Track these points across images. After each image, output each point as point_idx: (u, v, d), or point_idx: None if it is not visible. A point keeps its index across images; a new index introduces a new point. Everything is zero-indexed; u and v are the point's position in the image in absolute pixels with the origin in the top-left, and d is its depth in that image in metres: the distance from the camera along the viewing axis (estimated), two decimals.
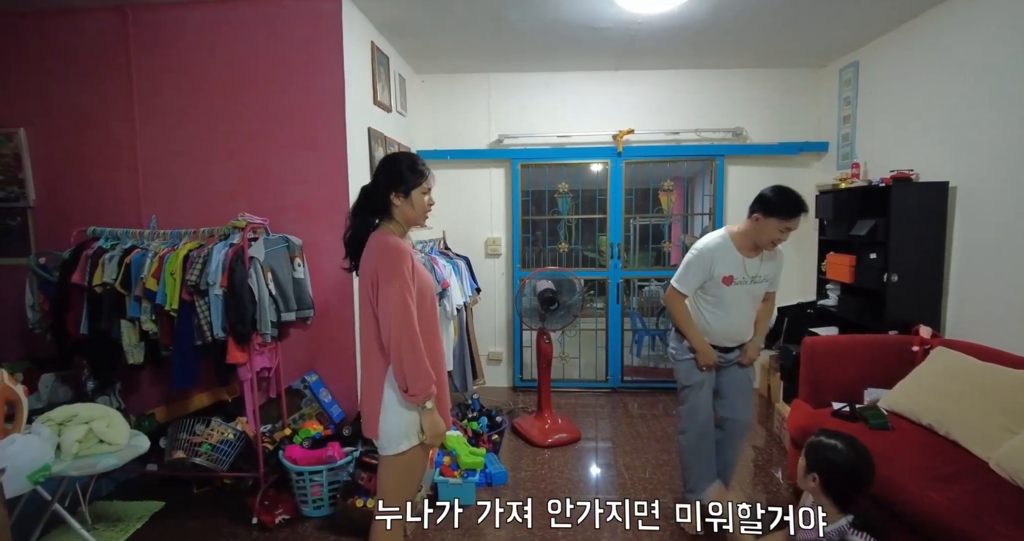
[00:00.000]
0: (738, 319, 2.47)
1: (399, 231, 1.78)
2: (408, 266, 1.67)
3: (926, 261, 3.01)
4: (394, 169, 1.76)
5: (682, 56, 4.03)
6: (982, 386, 2.34)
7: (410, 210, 1.77)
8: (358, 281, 1.79)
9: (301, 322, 2.88)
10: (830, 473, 1.53)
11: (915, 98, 3.31)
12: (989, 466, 2.15)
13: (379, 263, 1.65)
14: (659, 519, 2.20)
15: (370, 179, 1.84)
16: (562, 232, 4.61)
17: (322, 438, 2.68)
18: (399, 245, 1.68)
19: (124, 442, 2.20)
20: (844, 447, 1.55)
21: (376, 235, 1.74)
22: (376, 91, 3.37)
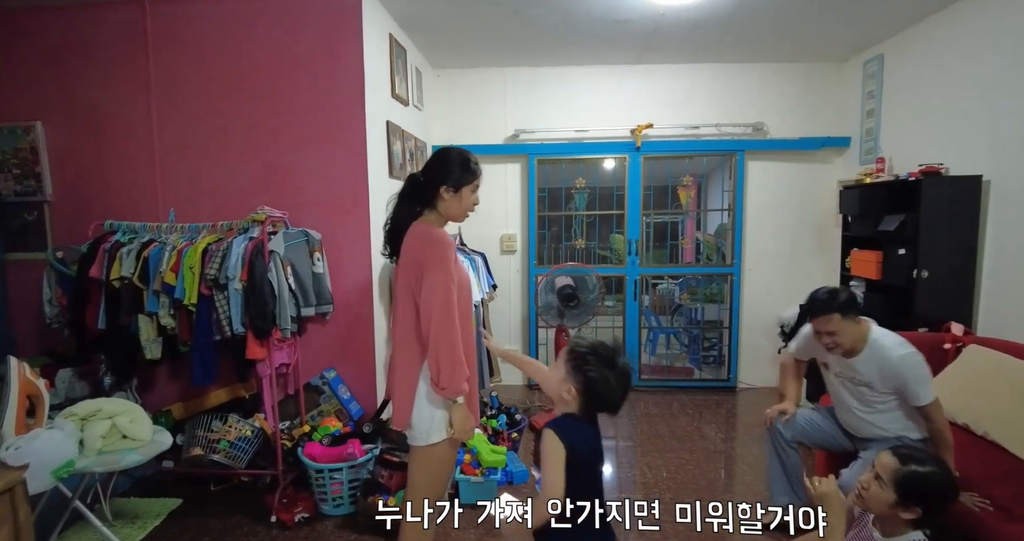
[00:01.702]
0: (847, 414, 2.26)
1: (439, 223, 1.77)
2: (452, 255, 1.69)
3: (958, 257, 2.94)
4: (448, 163, 1.74)
5: (703, 50, 3.97)
6: (1019, 385, 2.27)
7: (456, 206, 1.76)
8: (396, 269, 1.78)
9: (320, 317, 2.85)
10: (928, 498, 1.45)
11: (943, 91, 3.23)
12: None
13: (427, 253, 1.65)
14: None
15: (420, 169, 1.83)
16: (578, 228, 4.56)
17: (342, 435, 2.64)
18: (446, 237, 1.70)
19: (148, 438, 2.17)
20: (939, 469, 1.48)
21: (421, 225, 1.73)
22: (394, 84, 3.33)
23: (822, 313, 2.07)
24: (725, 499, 2.68)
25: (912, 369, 2.03)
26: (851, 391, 2.21)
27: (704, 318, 4.85)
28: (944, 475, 1.46)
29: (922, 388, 2.02)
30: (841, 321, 2.05)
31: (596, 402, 1.44)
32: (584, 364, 1.42)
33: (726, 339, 4.54)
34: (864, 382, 2.14)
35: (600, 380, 1.40)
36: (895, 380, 2.06)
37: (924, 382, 2.02)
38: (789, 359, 2.52)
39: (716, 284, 4.75)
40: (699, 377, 4.72)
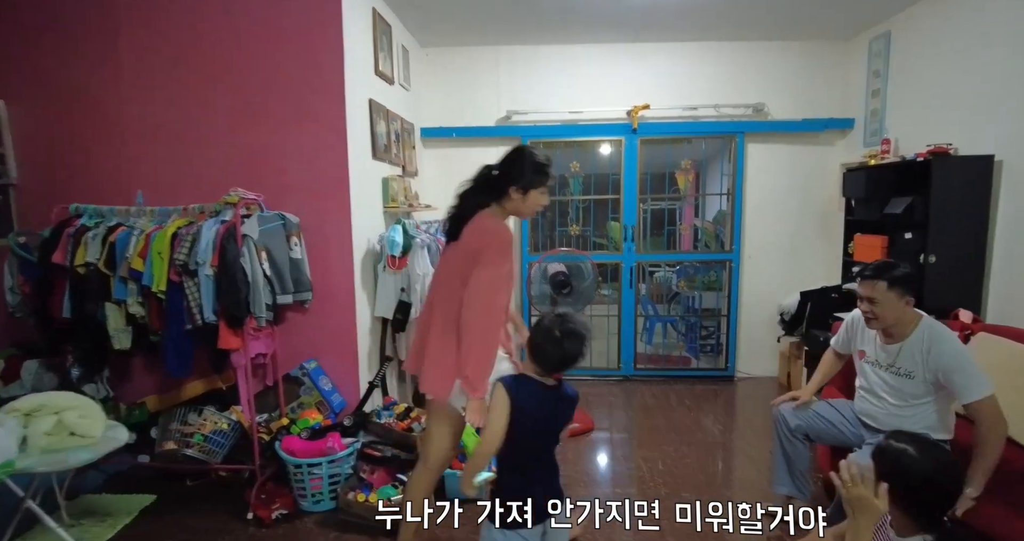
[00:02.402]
0: (874, 407, 2.12)
1: (502, 216, 1.85)
2: (510, 253, 1.81)
3: (967, 241, 2.81)
4: (521, 164, 1.81)
5: (703, 27, 3.81)
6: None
7: (522, 205, 1.83)
8: (448, 251, 1.87)
9: (299, 305, 2.71)
10: (902, 483, 1.30)
11: (953, 69, 3.09)
12: None
13: (489, 245, 1.73)
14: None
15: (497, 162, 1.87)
16: (574, 215, 4.42)
17: (322, 428, 2.52)
18: (506, 233, 1.79)
19: (99, 434, 2.03)
20: (918, 453, 1.33)
21: (486, 217, 1.80)
22: (378, 61, 3.17)
23: (870, 278, 1.97)
24: (724, 496, 2.64)
25: (958, 359, 1.88)
26: (888, 382, 2.06)
27: (702, 306, 4.73)
28: (923, 461, 1.30)
29: (971, 382, 1.84)
30: (886, 291, 1.93)
31: (540, 360, 1.53)
32: (536, 325, 1.56)
33: (724, 328, 4.42)
34: (906, 372, 2.00)
35: (541, 340, 1.51)
36: (940, 372, 1.90)
37: (973, 375, 1.85)
38: (830, 352, 2.41)
39: (714, 271, 4.62)
40: (697, 366, 4.61)
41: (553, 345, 1.49)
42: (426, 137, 4.18)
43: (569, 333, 1.50)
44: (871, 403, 2.12)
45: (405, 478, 2.39)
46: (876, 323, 2.01)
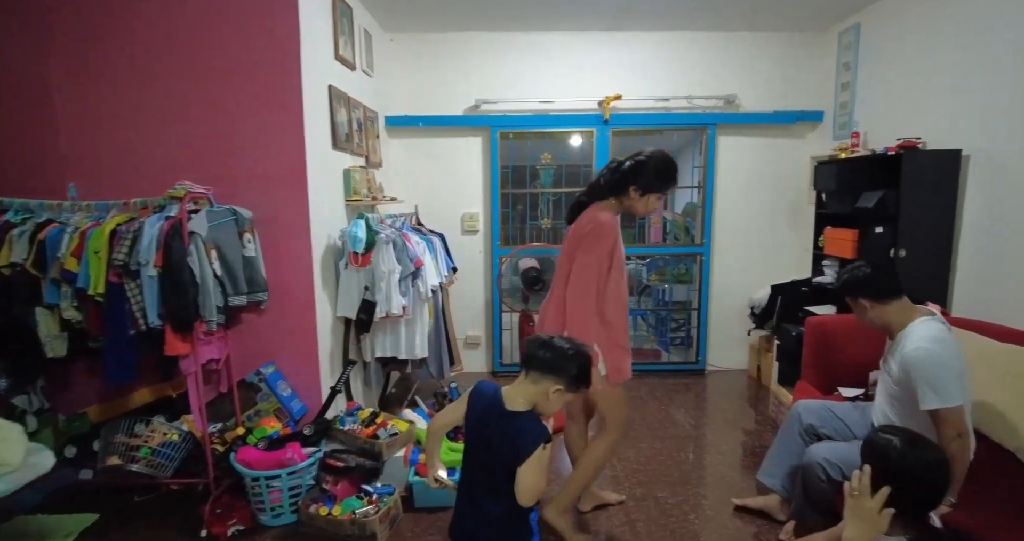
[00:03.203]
0: (876, 408, 2.08)
1: (616, 210, 2.03)
2: (611, 245, 1.95)
3: (936, 235, 2.82)
4: (645, 167, 1.97)
5: (678, 16, 3.72)
6: (1001, 369, 2.16)
7: (638, 205, 2.01)
8: (567, 234, 2.09)
9: (254, 307, 2.54)
10: (885, 477, 1.27)
11: (921, 62, 3.09)
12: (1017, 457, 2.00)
13: (592, 233, 1.93)
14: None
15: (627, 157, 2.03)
16: (545, 207, 4.32)
17: (280, 437, 2.37)
18: (613, 226, 1.95)
19: (18, 461, 1.85)
20: (904, 447, 1.29)
21: (599, 209, 1.99)
22: (338, 45, 2.98)
23: (841, 293, 2.07)
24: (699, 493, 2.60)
25: (919, 363, 1.78)
26: (884, 382, 2.05)
27: (673, 299, 4.70)
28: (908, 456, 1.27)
29: (927, 389, 1.75)
30: (854, 301, 2.01)
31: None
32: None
33: (695, 321, 4.41)
34: (888, 369, 1.98)
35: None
36: (905, 374, 1.85)
37: (932, 383, 1.74)
38: None
39: (685, 264, 4.60)
40: (667, 360, 4.59)
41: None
42: (391, 126, 4.01)
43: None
44: (878, 404, 2.10)
45: (371, 489, 2.27)
46: (872, 326, 2.02)
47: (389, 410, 3.12)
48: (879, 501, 1.25)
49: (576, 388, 1.46)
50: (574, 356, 1.45)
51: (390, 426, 2.52)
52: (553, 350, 1.44)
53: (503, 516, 1.43)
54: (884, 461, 1.29)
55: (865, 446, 1.37)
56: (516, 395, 1.45)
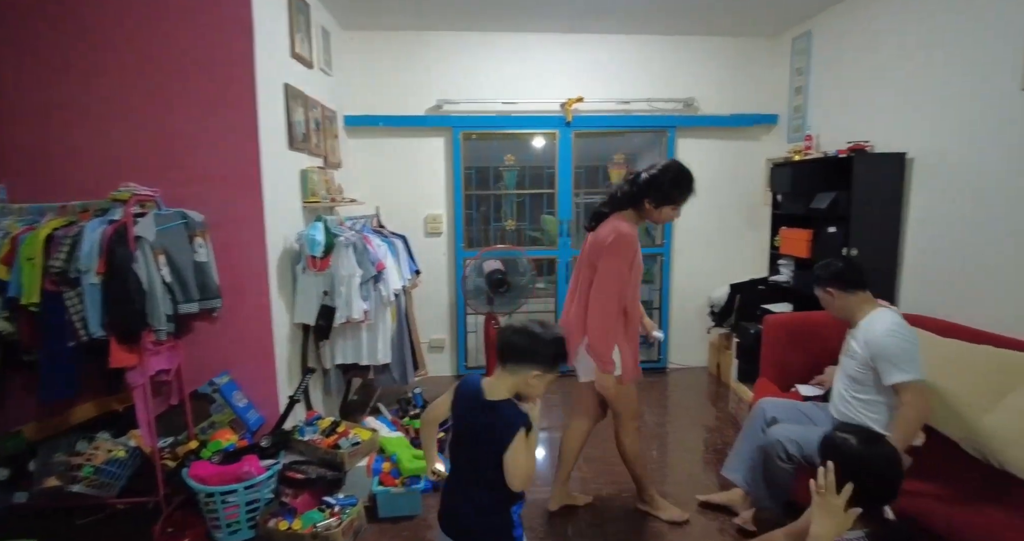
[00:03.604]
0: (836, 395, 2.18)
1: (634, 220, 2.11)
2: (630, 255, 2.04)
3: (884, 234, 2.94)
4: (660, 179, 2.04)
5: (636, 19, 3.76)
6: (944, 362, 2.26)
7: (654, 215, 2.09)
8: (587, 242, 2.17)
9: (206, 314, 2.43)
10: (843, 473, 1.31)
11: (868, 68, 3.21)
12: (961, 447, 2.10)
13: (612, 245, 2.01)
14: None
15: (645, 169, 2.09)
16: (509, 209, 4.30)
17: (237, 450, 2.27)
18: (631, 237, 2.03)
19: None
20: (860, 444, 1.34)
21: (619, 219, 2.08)
22: (294, 42, 2.89)
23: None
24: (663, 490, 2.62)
25: (887, 338, 1.93)
26: (844, 367, 2.16)
27: None
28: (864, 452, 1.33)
29: (897, 362, 1.90)
30: (817, 290, 2.18)
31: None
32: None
33: (656, 320, 4.47)
34: (852, 353, 2.10)
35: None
36: (873, 351, 1.97)
37: (898, 359, 1.90)
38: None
39: (646, 265, 4.66)
40: None
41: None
42: (350, 126, 3.91)
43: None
44: (837, 393, 2.18)
45: (333, 500, 2.20)
46: (836, 314, 2.18)
47: (351, 418, 3.04)
48: (844, 498, 1.28)
49: (555, 369, 1.48)
50: (550, 340, 1.46)
51: (352, 435, 2.45)
52: (525, 338, 1.45)
53: (488, 507, 1.46)
54: (843, 459, 1.33)
55: (823, 445, 1.41)
56: (496, 386, 1.46)
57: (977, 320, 2.48)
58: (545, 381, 1.47)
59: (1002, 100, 2.40)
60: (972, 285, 2.58)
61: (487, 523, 1.46)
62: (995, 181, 2.45)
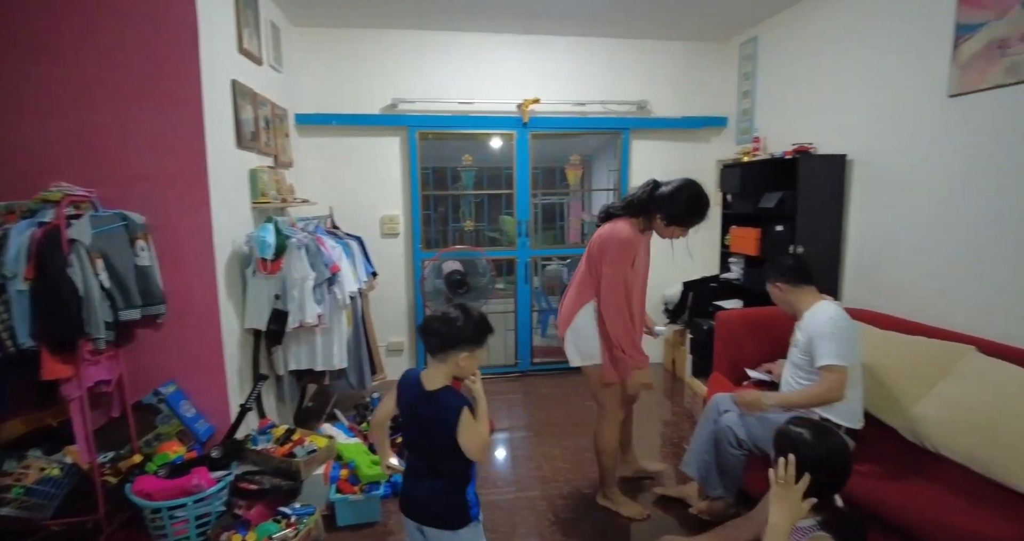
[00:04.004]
0: (784, 383, 2.25)
1: (639, 226, 2.19)
2: (629, 258, 2.13)
3: (827, 232, 3.07)
4: (675, 199, 2.10)
5: (590, 22, 3.81)
6: (883, 354, 2.38)
7: (662, 229, 2.19)
8: (595, 235, 2.23)
9: (150, 320, 2.31)
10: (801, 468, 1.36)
11: (811, 74, 3.36)
12: (899, 433, 2.21)
13: (612, 248, 2.11)
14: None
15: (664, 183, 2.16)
16: (467, 209, 4.28)
17: (185, 463, 2.16)
18: (628, 241, 2.11)
19: None
20: (813, 438, 1.39)
21: (623, 223, 2.15)
22: (242, 37, 2.78)
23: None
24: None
25: (821, 325, 2.03)
26: (791, 357, 2.24)
27: None
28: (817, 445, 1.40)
29: (823, 346, 2.00)
30: (767, 285, 2.27)
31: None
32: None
33: None
34: (795, 341, 2.19)
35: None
36: (810, 335, 2.06)
37: (829, 342, 1.99)
38: None
39: None
40: None
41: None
42: (302, 124, 3.81)
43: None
44: (785, 382, 2.27)
45: (288, 511, 2.13)
46: (784, 306, 2.29)
47: (306, 426, 2.95)
48: (801, 489, 1.34)
49: (482, 345, 1.54)
50: (469, 321, 1.50)
51: (308, 443, 2.38)
52: (445, 324, 1.49)
53: (442, 490, 1.53)
54: (797, 451, 1.38)
55: (779, 438, 1.46)
56: (432, 376, 1.52)
57: (912, 312, 2.63)
58: (476, 360, 1.52)
59: (931, 106, 2.55)
60: (906, 279, 2.73)
61: (444, 505, 1.53)
62: (924, 181, 2.60)
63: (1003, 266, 2.26)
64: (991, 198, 2.29)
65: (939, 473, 1.94)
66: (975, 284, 2.37)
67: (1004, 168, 2.24)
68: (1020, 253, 2.19)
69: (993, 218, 2.29)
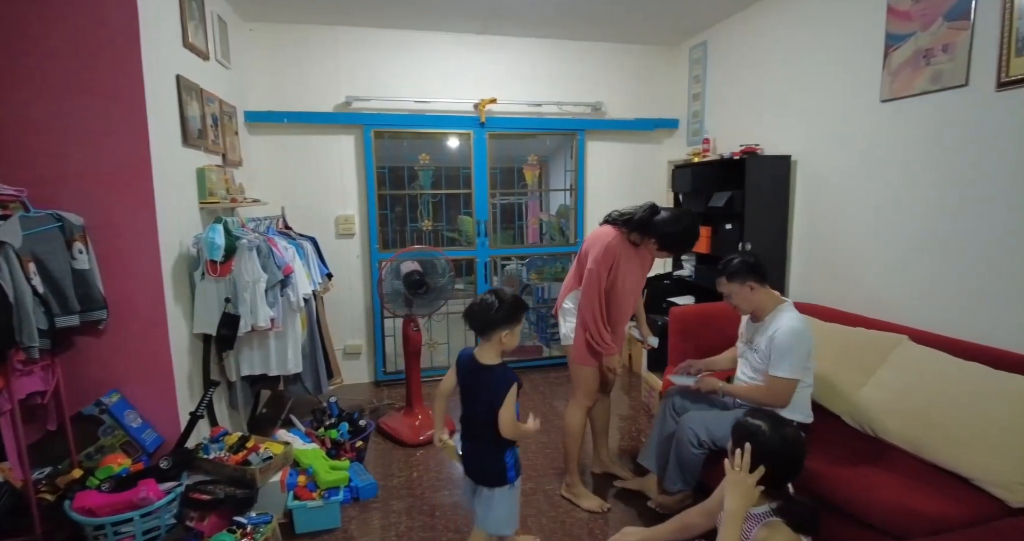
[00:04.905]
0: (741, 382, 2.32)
1: (623, 238, 2.35)
2: (611, 261, 2.32)
3: (774, 229, 3.21)
4: (672, 234, 2.29)
5: (546, 24, 3.85)
6: (828, 345, 2.50)
7: (652, 249, 2.37)
8: (590, 234, 2.49)
9: (91, 327, 2.19)
10: (759, 459, 1.42)
11: (756, 77, 3.50)
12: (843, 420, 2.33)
13: (598, 248, 2.32)
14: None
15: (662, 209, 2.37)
16: (425, 209, 4.24)
17: (131, 475, 2.06)
18: (612, 249, 2.31)
19: None
20: (770, 429, 1.45)
21: (610, 232, 2.36)
22: (187, 31, 2.67)
23: (717, 277, 2.25)
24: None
25: (782, 337, 2.07)
26: (747, 357, 2.29)
27: (551, 297, 4.87)
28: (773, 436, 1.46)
29: (779, 359, 2.07)
30: (728, 284, 2.22)
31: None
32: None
33: None
34: (756, 347, 2.22)
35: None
36: (773, 345, 2.10)
37: (787, 356, 2.05)
38: (734, 350, 2.52)
39: (560, 263, 4.79)
40: (548, 355, 4.73)
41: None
42: (252, 122, 3.69)
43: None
44: (738, 379, 2.34)
45: (244, 520, 2.06)
46: (741, 311, 2.29)
47: (261, 432, 2.87)
48: (756, 477, 1.40)
49: (519, 322, 1.80)
50: (502, 304, 1.76)
51: (263, 450, 2.31)
52: (483, 309, 1.77)
53: (486, 453, 1.79)
54: (754, 440, 1.43)
55: (737, 430, 1.51)
56: (485, 352, 1.81)
57: (853, 305, 2.78)
58: (515, 335, 1.80)
59: (866, 110, 2.71)
60: (846, 273, 2.88)
61: (487, 465, 1.80)
62: (862, 181, 2.76)
63: (933, 260, 2.42)
64: (922, 197, 2.45)
65: (881, 457, 2.06)
66: (909, 277, 2.53)
67: (932, 169, 2.40)
68: (948, 248, 2.35)
69: (925, 215, 2.45)
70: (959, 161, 2.28)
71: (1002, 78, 2.09)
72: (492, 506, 1.80)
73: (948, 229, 2.34)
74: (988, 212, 2.18)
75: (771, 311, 2.20)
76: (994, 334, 2.14)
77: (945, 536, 1.57)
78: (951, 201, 2.32)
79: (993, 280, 2.17)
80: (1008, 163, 2.10)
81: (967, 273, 2.27)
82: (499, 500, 1.80)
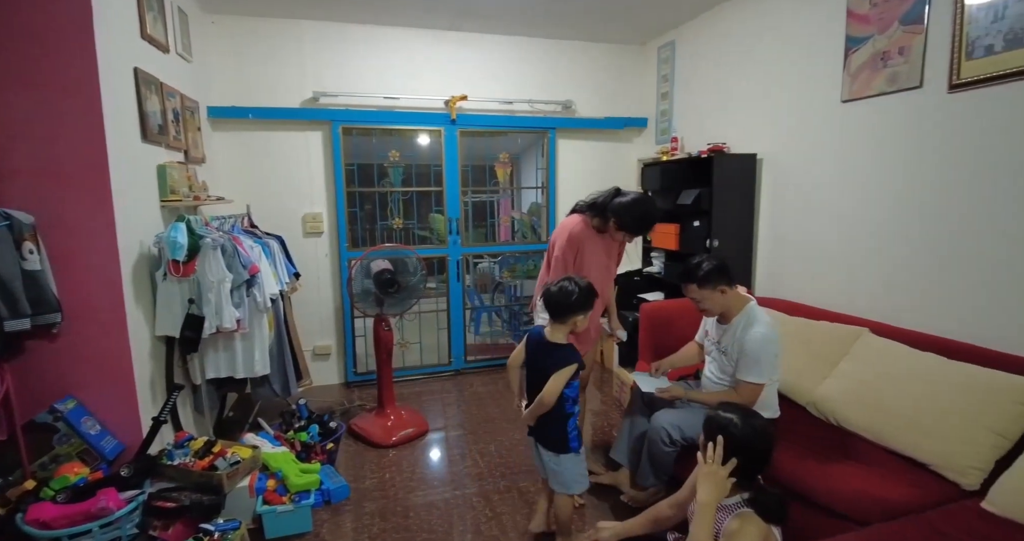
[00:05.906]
0: (709, 381, 2.34)
1: (594, 225, 2.44)
2: (575, 249, 2.43)
3: (741, 226, 3.28)
4: (631, 214, 2.33)
5: (516, 21, 3.84)
6: (792, 338, 2.57)
7: (614, 232, 2.40)
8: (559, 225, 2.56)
9: (44, 330, 2.09)
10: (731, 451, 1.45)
11: (723, 77, 3.57)
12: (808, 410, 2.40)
13: (562, 236, 2.44)
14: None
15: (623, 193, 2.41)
16: (395, 207, 4.19)
17: (89, 484, 1.98)
18: (576, 235, 2.42)
19: None
20: (741, 422, 1.48)
21: (576, 219, 2.48)
22: (145, 23, 2.57)
23: (684, 283, 2.24)
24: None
25: (752, 344, 2.09)
26: (715, 358, 2.31)
27: (523, 294, 4.88)
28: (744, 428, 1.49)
29: (748, 365, 2.10)
30: (699, 290, 2.18)
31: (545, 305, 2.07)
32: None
33: None
34: (725, 349, 2.24)
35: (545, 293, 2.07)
36: (743, 350, 2.12)
37: (754, 362, 2.08)
38: (692, 343, 2.55)
39: (532, 261, 4.80)
40: None
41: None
42: (215, 117, 3.59)
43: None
44: (706, 377, 2.37)
45: (211, 527, 2.00)
46: (709, 314, 2.29)
47: (228, 436, 2.79)
48: (728, 469, 1.42)
49: (591, 307, 2.00)
50: (580, 292, 1.96)
51: (230, 454, 2.25)
52: (565, 295, 1.96)
53: (549, 421, 2.01)
54: (726, 433, 1.46)
55: (708, 423, 1.54)
56: (555, 332, 2.00)
57: (816, 299, 2.86)
58: (587, 319, 2.00)
59: (827, 110, 2.79)
60: (810, 268, 2.96)
61: (549, 432, 2.03)
62: (824, 179, 2.84)
63: (892, 255, 2.51)
64: (881, 194, 2.54)
65: (844, 446, 2.13)
66: (870, 272, 2.62)
67: (890, 167, 2.49)
68: (906, 243, 2.44)
69: (884, 212, 2.53)
70: (915, 160, 2.37)
71: (954, 80, 2.18)
72: (560, 470, 2.03)
73: (906, 225, 2.43)
74: (942, 209, 2.27)
75: (738, 313, 2.21)
76: (947, 326, 2.24)
77: (904, 520, 1.63)
78: (908, 199, 2.41)
79: (947, 274, 2.27)
80: (960, 162, 2.19)
81: (923, 267, 2.36)
82: (567, 465, 2.03)
